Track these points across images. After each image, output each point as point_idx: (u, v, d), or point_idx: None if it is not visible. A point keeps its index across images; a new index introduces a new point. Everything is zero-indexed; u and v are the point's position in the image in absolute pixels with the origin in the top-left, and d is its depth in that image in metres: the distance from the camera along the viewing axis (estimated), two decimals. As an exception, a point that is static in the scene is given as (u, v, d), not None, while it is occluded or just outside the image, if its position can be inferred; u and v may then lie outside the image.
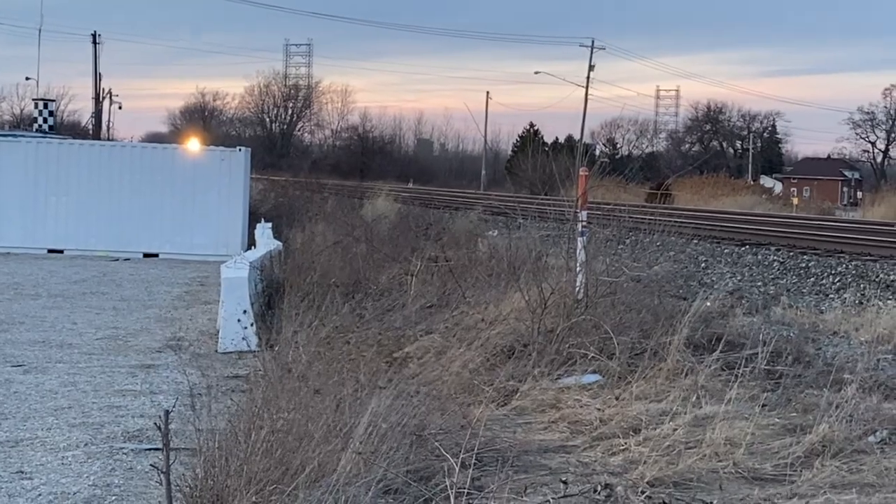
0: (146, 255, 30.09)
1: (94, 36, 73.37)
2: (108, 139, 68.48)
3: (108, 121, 79.48)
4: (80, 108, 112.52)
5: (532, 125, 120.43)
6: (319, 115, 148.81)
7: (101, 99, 74.34)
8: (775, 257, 24.90)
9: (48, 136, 45.74)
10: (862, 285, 20.49)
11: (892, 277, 20.75)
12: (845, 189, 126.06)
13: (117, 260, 28.97)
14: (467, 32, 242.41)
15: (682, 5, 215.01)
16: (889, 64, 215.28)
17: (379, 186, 48.89)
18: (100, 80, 74.29)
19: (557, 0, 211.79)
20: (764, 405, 10.21)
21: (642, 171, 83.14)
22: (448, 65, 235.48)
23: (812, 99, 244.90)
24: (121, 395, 11.87)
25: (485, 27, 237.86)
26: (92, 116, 75.77)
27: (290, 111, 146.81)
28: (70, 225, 30.47)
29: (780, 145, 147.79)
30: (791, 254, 25.13)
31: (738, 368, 10.65)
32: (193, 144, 40.65)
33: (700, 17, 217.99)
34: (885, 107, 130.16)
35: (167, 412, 6.86)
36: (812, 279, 21.95)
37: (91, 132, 72.64)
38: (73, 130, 78.89)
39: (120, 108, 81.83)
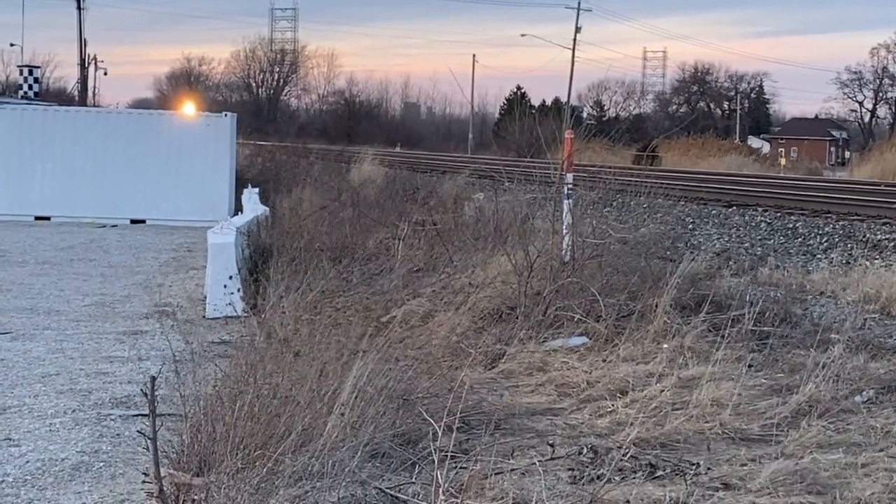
0: (133, 222, 30.03)
1: (78, 1, 72.96)
2: (94, 105, 68.23)
3: (94, 87, 79.30)
4: (65, 74, 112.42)
5: (519, 88, 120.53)
6: (306, 80, 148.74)
7: (86, 65, 74.04)
8: (762, 218, 24.92)
9: (34, 102, 45.55)
10: (849, 245, 20.51)
11: (878, 237, 20.78)
12: (833, 149, 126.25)
13: (104, 226, 28.90)
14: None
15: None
16: (876, 23, 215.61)
17: (366, 151, 48.72)
18: (85, 46, 73.98)
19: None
20: (750, 366, 10.23)
21: (629, 132, 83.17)
22: (435, 28, 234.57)
23: (799, 59, 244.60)
24: (108, 361, 11.86)
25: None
26: (77, 83, 75.50)
27: (276, 76, 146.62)
28: (57, 192, 30.38)
29: (767, 106, 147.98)
30: (778, 214, 25.16)
31: (725, 329, 10.67)
32: (189, 108, 40.56)
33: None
34: (873, 66, 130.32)
35: (153, 378, 6.85)
36: (799, 240, 21.97)
37: (77, 98, 72.40)
38: (58, 97, 78.66)
39: (105, 74, 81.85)
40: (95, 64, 77.04)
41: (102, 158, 30.74)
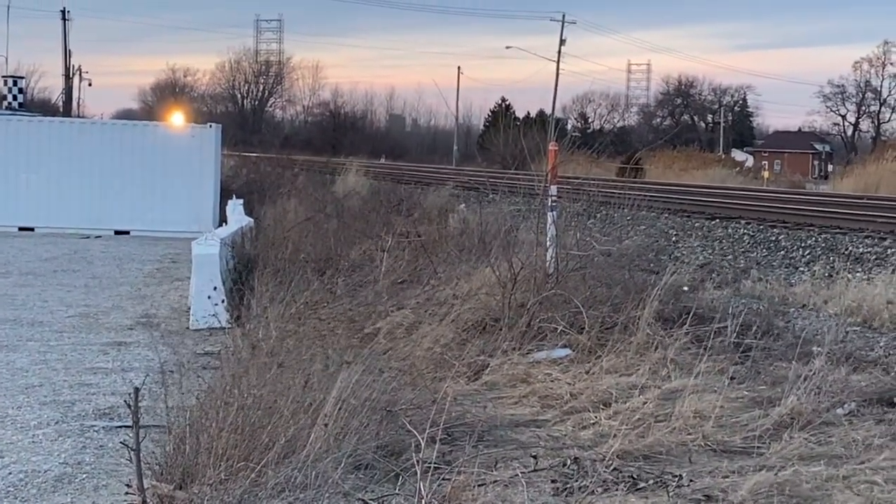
0: (117, 233, 29.99)
1: (63, 12, 72.93)
2: (79, 116, 68.13)
3: (79, 98, 79.16)
4: (50, 85, 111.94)
5: (504, 100, 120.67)
6: (291, 91, 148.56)
7: (71, 76, 73.97)
8: (745, 231, 24.99)
9: (18, 113, 45.45)
10: (831, 258, 20.59)
11: (860, 250, 20.86)
12: (816, 162, 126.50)
13: (88, 237, 28.84)
14: (439, 7, 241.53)
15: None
16: (859, 37, 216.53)
17: (350, 162, 48.76)
18: (69, 56, 73.94)
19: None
20: (733, 378, 10.26)
21: (613, 145, 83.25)
22: (420, 40, 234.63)
23: (783, 72, 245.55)
24: (92, 372, 11.85)
25: (457, 2, 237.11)
26: (62, 93, 75.40)
27: (261, 87, 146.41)
28: (41, 202, 30.31)
29: (750, 119, 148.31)
30: (761, 227, 25.22)
31: (708, 342, 10.71)
32: (177, 119, 40.54)
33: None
34: (856, 80, 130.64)
35: (137, 390, 6.86)
36: (782, 252, 22.04)
37: (61, 109, 72.25)
38: (43, 108, 78.38)
39: (90, 84, 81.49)
40: (80, 75, 76.97)
41: (87, 169, 30.68)
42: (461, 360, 11.03)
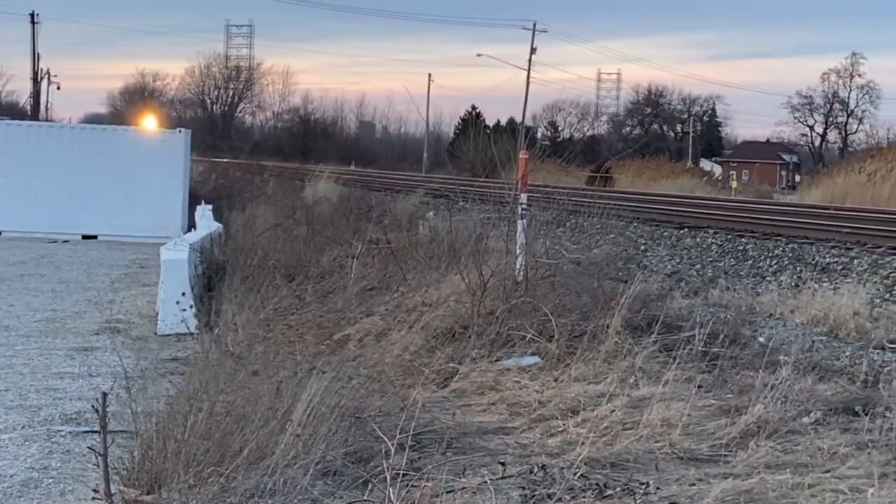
0: (85, 237, 29.87)
1: (32, 16, 72.72)
2: (47, 120, 67.83)
3: (47, 101, 79.01)
4: (18, 88, 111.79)
5: (474, 108, 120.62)
6: (261, 97, 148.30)
7: (39, 79, 73.69)
8: (714, 240, 25.09)
9: (-15, 116, 45.22)
10: (798, 268, 20.70)
11: (827, 260, 20.99)
12: (784, 172, 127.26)
13: (56, 242, 28.69)
14: (411, 15, 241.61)
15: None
16: (828, 49, 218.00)
17: (320, 169, 48.72)
18: (38, 60, 73.71)
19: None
20: (700, 386, 10.30)
21: (583, 153, 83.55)
22: (391, 47, 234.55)
23: (752, 83, 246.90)
24: (59, 377, 11.80)
25: (429, 9, 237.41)
26: (30, 97, 75.10)
27: (231, 93, 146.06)
28: (8, 206, 30.15)
29: (719, 129, 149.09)
30: (729, 237, 25.32)
31: (676, 350, 10.76)
32: (150, 123, 40.43)
33: (641, 2, 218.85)
34: (824, 91, 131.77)
35: (105, 395, 6.85)
36: (749, 262, 22.15)
37: (29, 113, 71.95)
38: (11, 111, 78.04)
39: (59, 88, 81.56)
40: (49, 78, 76.79)
41: (55, 173, 30.54)
42: (430, 367, 11.04)
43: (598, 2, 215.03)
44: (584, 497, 7.30)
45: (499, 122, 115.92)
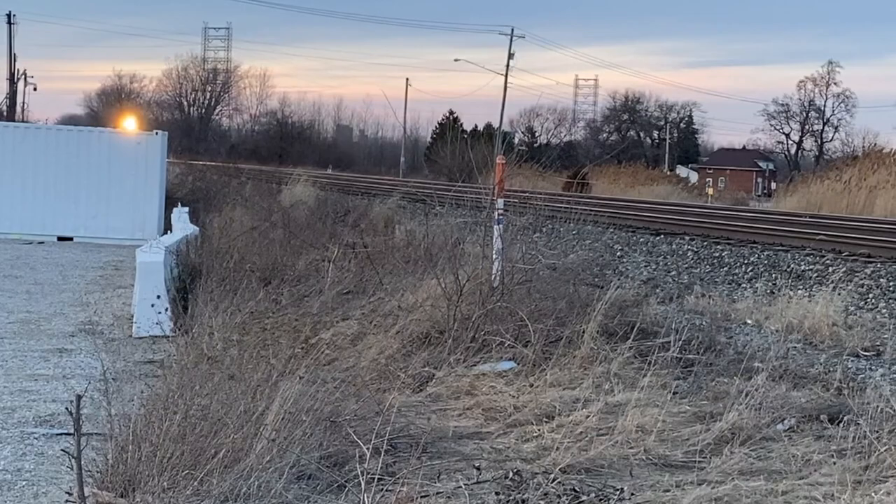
0: (61, 239, 29.74)
1: (9, 16, 72.47)
2: (23, 121, 67.54)
3: (23, 102, 78.65)
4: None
5: (451, 112, 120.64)
6: (238, 100, 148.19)
7: (15, 80, 73.40)
8: (689, 247, 25.18)
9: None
10: (773, 275, 20.79)
11: (802, 267, 21.09)
12: (759, 180, 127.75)
13: (31, 243, 28.56)
14: (389, 19, 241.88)
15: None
16: (804, 57, 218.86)
17: (297, 172, 48.66)
18: (14, 60, 73.41)
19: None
20: (675, 393, 10.33)
21: (560, 159, 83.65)
22: (369, 51, 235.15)
23: (729, 90, 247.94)
24: (33, 379, 11.75)
25: (407, 13, 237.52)
26: (6, 98, 74.78)
27: (208, 95, 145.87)
28: (-18, 207, 30.01)
29: (696, 136, 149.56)
30: (705, 243, 25.43)
31: (651, 356, 10.78)
32: (130, 124, 40.32)
33: (619, 7, 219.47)
34: (800, 99, 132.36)
35: (79, 397, 6.82)
36: (725, 269, 22.24)
37: (5, 113, 71.63)
38: (-14, 111, 77.70)
39: (35, 89, 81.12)
40: (25, 79, 76.47)
41: (31, 174, 30.41)
42: (406, 371, 11.04)
43: (576, 8, 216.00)
44: (558, 502, 7.31)
45: (476, 126, 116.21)
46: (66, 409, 7.66)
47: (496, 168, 14.49)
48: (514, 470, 7.95)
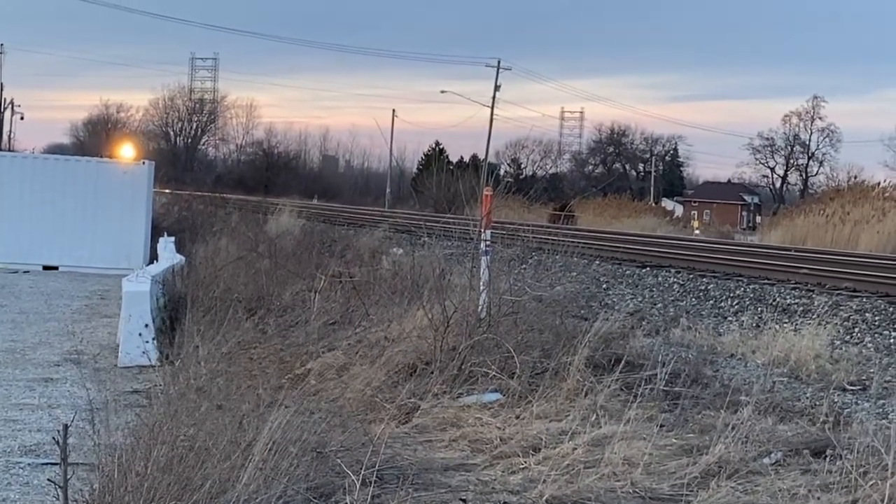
0: (46, 268, 29.65)
1: (-4, 45, 72.42)
2: (10, 150, 67.49)
3: (10, 131, 78.58)
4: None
5: (438, 144, 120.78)
6: (224, 130, 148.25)
7: (2, 109, 73.35)
8: (675, 279, 25.21)
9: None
10: (759, 308, 20.83)
11: (788, 301, 21.13)
12: (745, 213, 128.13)
13: (16, 272, 28.49)
14: (376, 50, 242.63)
15: (588, 30, 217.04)
16: (789, 91, 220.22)
17: (283, 202, 48.69)
18: (2, 89, 73.36)
19: (466, 21, 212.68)
20: (662, 426, 10.33)
21: (546, 191, 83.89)
22: (355, 82, 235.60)
23: (714, 124, 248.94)
24: (18, 408, 11.71)
25: (393, 45, 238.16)
26: (-8, 126, 74.70)
27: (194, 125, 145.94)
28: (-32, 236, 29.93)
29: (681, 168, 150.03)
30: (691, 276, 25.46)
31: (638, 389, 10.77)
32: (128, 152, 40.31)
33: (605, 42, 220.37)
34: (785, 133, 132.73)
35: (66, 426, 6.80)
36: (711, 301, 22.28)
37: (-9, 142, 71.61)
38: (-28, 140, 77.65)
39: (22, 118, 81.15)
40: (12, 108, 76.41)
41: (17, 203, 30.37)
42: (392, 402, 11.03)
43: (563, 41, 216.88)
44: (545, 535, 7.30)
45: (462, 158, 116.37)
46: (53, 438, 7.63)
47: (484, 200, 14.52)
48: (501, 502, 7.95)
